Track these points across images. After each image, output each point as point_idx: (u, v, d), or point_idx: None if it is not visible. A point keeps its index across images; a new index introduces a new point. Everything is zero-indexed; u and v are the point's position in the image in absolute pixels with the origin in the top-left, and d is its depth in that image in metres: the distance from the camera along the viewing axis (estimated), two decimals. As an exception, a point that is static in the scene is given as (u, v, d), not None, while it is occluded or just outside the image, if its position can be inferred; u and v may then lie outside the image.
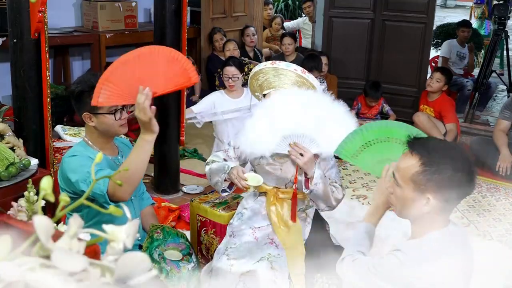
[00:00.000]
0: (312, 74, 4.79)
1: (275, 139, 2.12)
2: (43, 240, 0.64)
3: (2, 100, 4.39)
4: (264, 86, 2.29)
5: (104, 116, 2.20)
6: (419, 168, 1.54)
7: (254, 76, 2.31)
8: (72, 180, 2.10)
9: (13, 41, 2.87)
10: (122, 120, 2.26)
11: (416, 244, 1.57)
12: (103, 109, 2.19)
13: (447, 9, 16.11)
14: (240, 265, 2.22)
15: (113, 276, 0.65)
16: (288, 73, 2.22)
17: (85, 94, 2.18)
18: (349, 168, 4.62)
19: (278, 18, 7.40)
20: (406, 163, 1.57)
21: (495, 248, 3.32)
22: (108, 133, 2.26)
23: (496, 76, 6.73)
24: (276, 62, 2.27)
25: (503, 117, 4.53)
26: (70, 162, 2.15)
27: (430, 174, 1.52)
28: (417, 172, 1.54)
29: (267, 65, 2.26)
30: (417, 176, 1.53)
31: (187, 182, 4.04)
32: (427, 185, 1.53)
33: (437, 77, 5.01)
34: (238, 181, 2.16)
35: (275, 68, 2.24)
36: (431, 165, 1.52)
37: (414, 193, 1.55)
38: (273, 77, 2.25)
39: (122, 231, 0.70)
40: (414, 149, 1.57)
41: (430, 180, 1.52)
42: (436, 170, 1.52)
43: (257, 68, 2.30)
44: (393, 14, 5.64)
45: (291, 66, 2.23)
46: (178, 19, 3.51)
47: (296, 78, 2.22)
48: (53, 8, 3.60)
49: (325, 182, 2.15)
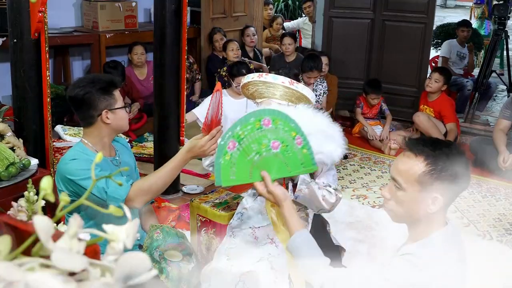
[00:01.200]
0: (312, 74, 4.85)
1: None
2: (43, 240, 0.64)
3: (2, 100, 4.39)
4: (256, 96, 2.30)
5: (120, 110, 2.26)
6: (425, 168, 1.53)
7: (245, 86, 2.32)
8: (78, 182, 2.10)
9: (13, 41, 2.87)
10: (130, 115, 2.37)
11: (426, 246, 1.54)
12: (119, 104, 2.26)
13: (447, 9, 16.11)
14: (240, 265, 2.22)
15: (113, 276, 0.65)
16: (276, 85, 2.22)
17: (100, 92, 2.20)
18: (349, 168, 4.63)
19: (279, 18, 7.40)
20: (410, 165, 1.56)
21: (495, 248, 3.32)
22: (121, 128, 2.32)
23: (496, 76, 6.73)
24: (263, 75, 2.27)
25: (503, 117, 4.53)
26: (71, 166, 2.15)
27: (437, 172, 1.52)
28: (423, 172, 1.53)
29: (254, 77, 2.27)
30: (424, 177, 1.53)
31: (187, 182, 4.04)
32: (434, 184, 1.52)
33: (436, 77, 5.01)
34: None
35: (262, 81, 2.24)
36: (437, 164, 1.52)
37: (420, 194, 1.54)
38: (262, 88, 2.26)
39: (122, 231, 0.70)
40: (416, 150, 1.56)
41: (438, 178, 1.52)
42: (443, 168, 1.52)
43: (245, 80, 2.31)
44: (393, 14, 5.64)
45: (278, 79, 2.23)
46: (178, 19, 3.51)
47: (285, 90, 2.22)
48: (53, 8, 3.60)
49: (310, 187, 2.14)
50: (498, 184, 4.28)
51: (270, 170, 1.79)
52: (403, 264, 1.52)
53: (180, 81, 3.62)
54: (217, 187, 2.42)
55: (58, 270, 0.62)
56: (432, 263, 1.50)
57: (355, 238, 3.33)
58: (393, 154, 4.91)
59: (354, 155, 4.96)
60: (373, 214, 3.70)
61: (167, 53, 3.54)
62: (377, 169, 4.63)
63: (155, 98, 3.75)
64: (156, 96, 3.73)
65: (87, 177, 2.09)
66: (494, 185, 4.26)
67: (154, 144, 3.86)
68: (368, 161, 4.83)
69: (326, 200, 2.19)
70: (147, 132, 4.91)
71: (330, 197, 2.20)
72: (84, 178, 2.09)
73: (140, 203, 2.13)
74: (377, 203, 3.91)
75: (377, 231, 3.40)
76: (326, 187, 2.23)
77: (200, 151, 2.05)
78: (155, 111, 3.75)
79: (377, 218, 3.57)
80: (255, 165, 1.79)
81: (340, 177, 4.36)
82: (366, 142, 5.23)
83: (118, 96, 2.27)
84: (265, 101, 2.26)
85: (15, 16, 2.83)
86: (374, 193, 4.09)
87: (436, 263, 1.50)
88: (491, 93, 6.31)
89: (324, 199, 2.18)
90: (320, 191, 2.17)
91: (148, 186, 2.09)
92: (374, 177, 4.44)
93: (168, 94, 3.63)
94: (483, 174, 4.35)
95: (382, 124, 5.35)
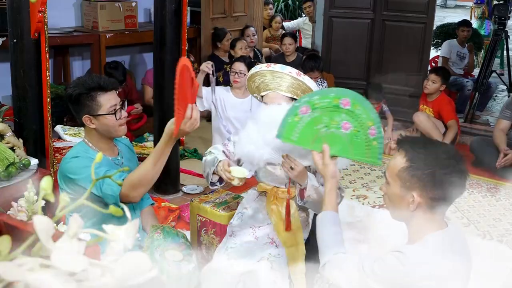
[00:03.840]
0: (313, 74, 4.84)
1: (269, 150, 2.15)
2: (43, 240, 0.64)
3: (2, 100, 4.39)
4: (261, 88, 2.29)
5: (104, 117, 2.20)
6: (404, 164, 1.56)
7: (251, 78, 2.31)
8: (77, 181, 2.10)
9: (13, 41, 2.87)
10: (122, 120, 2.25)
11: (418, 247, 1.55)
12: (103, 110, 2.19)
13: (447, 9, 16.11)
14: (240, 265, 2.22)
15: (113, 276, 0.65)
16: (284, 75, 2.22)
17: (83, 96, 2.18)
18: (349, 168, 4.62)
19: (278, 17, 7.39)
20: (394, 160, 1.61)
21: (495, 248, 3.32)
22: (109, 134, 2.26)
23: (496, 76, 6.73)
24: (271, 65, 2.27)
25: (504, 117, 4.53)
26: (72, 164, 2.15)
27: (413, 169, 1.54)
28: (402, 168, 1.56)
29: (262, 67, 2.27)
30: (403, 172, 1.56)
31: (187, 182, 4.04)
32: (411, 181, 1.54)
33: (432, 78, 5.01)
34: (223, 173, 2.17)
35: (270, 70, 2.24)
36: (415, 161, 1.54)
37: (400, 190, 1.58)
38: (269, 79, 2.25)
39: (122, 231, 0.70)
40: (401, 146, 1.61)
41: (414, 176, 1.53)
42: (420, 166, 1.53)
43: (253, 70, 2.30)
44: (393, 14, 5.64)
45: (286, 68, 2.23)
46: (178, 19, 3.51)
47: (292, 81, 2.21)
48: (53, 8, 3.60)
49: (319, 192, 2.14)
50: (498, 184, 4.28)
51: (332, 145, 1.87)
52: (390, 260, 1.53)
53: (180, 81, 3.62)
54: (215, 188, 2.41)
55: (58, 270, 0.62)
56: (420, 264, 1.50)
57: (355, 238, 3.33)
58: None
59: (354, 155, 4.95)
60: (373, 214, 3.70)
61: (167, 53, 3.54)
62: (377, 169, 4.62)
63: (155, 98, 3.75)
64: (156, 96, 3.73)
65: (87, 175, 2.08)
66: (494, 185, 4.26)
67: (154, 144, 3.86)
68: (368, 161, 4.82)
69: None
70: (147, 132, 4.92)
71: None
72: (83, 177, 2.09)
73: (136, 197, 2.09)
74: (377, 203, 3.91)
75: (377, 231, 3.40)
76: None
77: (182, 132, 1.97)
78: (155, 111, 3.75)
79: (377, 218, 3.57)
80: (320, 136, 1.88)
81: (340, 177, 4.35)
82: (366, 142, 5.22)
83: (104, 101, 2.19)
84: (269, 94, 2.24)
85: (15, 16, 2.83)
86: (374, 193, 4.09)
87: (424, 264, 1.50)
88: (491, 93, 6.31)
89: None
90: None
91: (137, 179, 2.05)
92: (374, 177, 4.44)
93: (168, 94, 3.62)
94: (483, 174, 4.35)
95: (382, 125, 5.34)
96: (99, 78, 2.26)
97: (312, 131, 1.88)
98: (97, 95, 2.19)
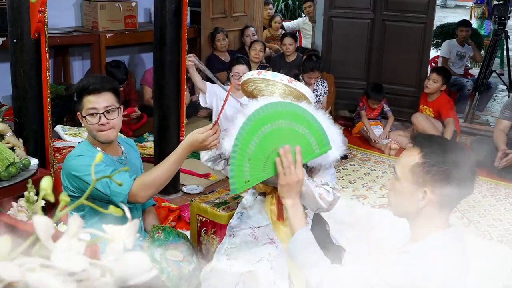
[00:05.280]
0: (313, 74, 4.84)
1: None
2: (43, 240, 0.64)
3: (2, 100, 4.39)
4: (255, 94, 2.29)
5: (85, 118, 2.20)
6: (419, 160, 1.55)
7: (244, 84, 2.31)
8: (83, 177, 2.10)
9: (13, 41, 2.87)
10: (100, 126, 2.19)
11: (423, 246, 1.55)
12: (84, 112, 2.19)
13: (447, 9, 16.11)
14: (240, 265, 2.22)
15: (113, 276, 0.65)
16: (275, 83, 2.22)
17: (77, 94, 2.21)
18: (349, 168, 4.63)
19: (277, 17, 7.39)
20: (407, 155, 1.59)
21: (495, 248, 3.32)
22: (93, 135, 2.24)
23: (496, 76, 6.73)
24: (262, 72, 2.26)
25: (504, 117, 4.54)
26: (77, 161, 2.15)
27: (429, 166, 1.53)
28: (416, 164, 1.55)
29: (253, 75, 2.26)
30: (417, 168, 1.55)
31: (187, 182, 4.04)
32: (425, 178, 1.53)
33: (434, 78, 5.01)
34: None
35: (262, 78, 2.24)
36: (431, 157, 1.53)
37: (412, 186, 1.56)
38: (262, 86, 2.25)
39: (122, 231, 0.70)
40: (416, 142, 1.59)
41: (429, 172, 1.53)
42: (436, 163, 1.52)
43: (245, 77, 2.30)
44: (393, 14, 5.64)
45: (277, 76, 2.22)
46: (178, 19, 3.51)
47: (284, 88, 2.21)
48: (53, 8, 3.60)
49: (306, 184, 2.13)
50: (498, 184, 4.28)
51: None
52: (399, 263, 1.53)
53: (180, 81, 3.62)
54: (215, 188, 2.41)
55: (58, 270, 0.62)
56: (427, 264, 1.50)
57: (355, 238, 3.33)
58: (393, 154, 4.91)
59: (354, 155, 4.96)
60: (373, 214, 3.70)
61: (167, 53, 3.54)
62: (377, 169, 4.62)
63: (155, 98, 3.75)
64: (156, 96, 3.73)
65: (91, 173, 2.08)
66: (494, 185, 4.26)
67: (154, 144, 3.86)
68: (368, 161, 4.83)
69: (323, 199, 2.18)
70: (147, 132, 4.92)
71: (327, 195, 2.19)
72: (89, 174, 2.09)
73: (143, 198, 2.11)
74: (377, 203, 3.91)
75: (377, 231, 3.40)
76: (324, 186, 2.22)
77: (201, 145, 2.04)
78: (155, 111, 3.75)
79: (377, 218, 3.57)
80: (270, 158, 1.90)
81: (340, 177, 4.36)
82: (366, 142, 5.23)
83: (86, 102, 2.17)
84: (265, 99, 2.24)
85: (15, 16, 2.83)
86: (374, 193, 4.09)
87: (431, 264, 1.50)
88: (491, 93, 6.31)
89: (321, 197, 2.17)
90: (317, 189, 2.16)
91: (150, 181, 2.08)
92: (374, 177, 4.44)
93: (168, 94, 3.63)
94: (483, 174, 4.35)
95: (382, 125, 5.36)
96: (95, 78, 2.26)
97: (260, 163, 1.89)
98: (84, 95, 2.20)
